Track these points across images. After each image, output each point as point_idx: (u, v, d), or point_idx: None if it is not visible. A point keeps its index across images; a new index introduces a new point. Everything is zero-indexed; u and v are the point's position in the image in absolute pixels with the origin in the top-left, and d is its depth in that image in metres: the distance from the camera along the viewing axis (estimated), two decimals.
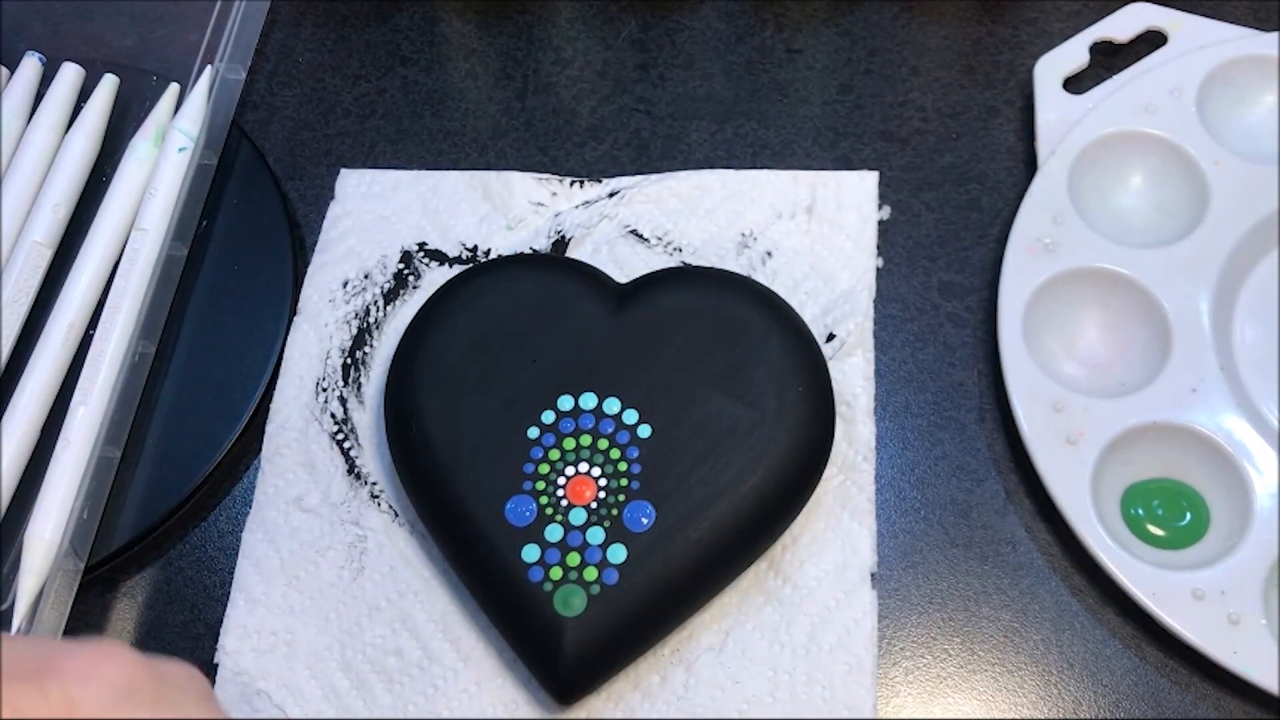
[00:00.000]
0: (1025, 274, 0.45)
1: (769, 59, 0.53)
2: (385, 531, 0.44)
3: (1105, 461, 0.42)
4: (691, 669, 0.41)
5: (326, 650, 0.42)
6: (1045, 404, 0.43)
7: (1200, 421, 0.43)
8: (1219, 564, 0.41)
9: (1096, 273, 0.46)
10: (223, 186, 0.50)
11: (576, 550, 0.40)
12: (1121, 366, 0.45)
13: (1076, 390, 0.44)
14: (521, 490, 0.41)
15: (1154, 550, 0.42)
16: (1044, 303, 0.45)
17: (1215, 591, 0.40)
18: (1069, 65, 0.50)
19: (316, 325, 0.48)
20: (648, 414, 0.42)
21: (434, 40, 0.55)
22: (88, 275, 0.47)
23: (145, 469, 0.46)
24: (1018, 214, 0.47)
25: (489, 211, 0.50)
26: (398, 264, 0.49)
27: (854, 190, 0.49)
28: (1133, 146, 0.48)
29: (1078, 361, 0.45)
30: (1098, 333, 0.46)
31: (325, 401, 0.47)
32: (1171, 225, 0.47)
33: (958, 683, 0.41)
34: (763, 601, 0.42)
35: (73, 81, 0.51)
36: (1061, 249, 0.46)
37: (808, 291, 0.47)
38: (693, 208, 0.49)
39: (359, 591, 0.43)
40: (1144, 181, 0.48)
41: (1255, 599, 0.40)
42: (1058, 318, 0.46)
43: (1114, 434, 0.43)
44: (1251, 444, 0.42)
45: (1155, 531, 0.42)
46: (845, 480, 0.44)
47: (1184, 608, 0.40)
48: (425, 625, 0.42)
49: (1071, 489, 0.42)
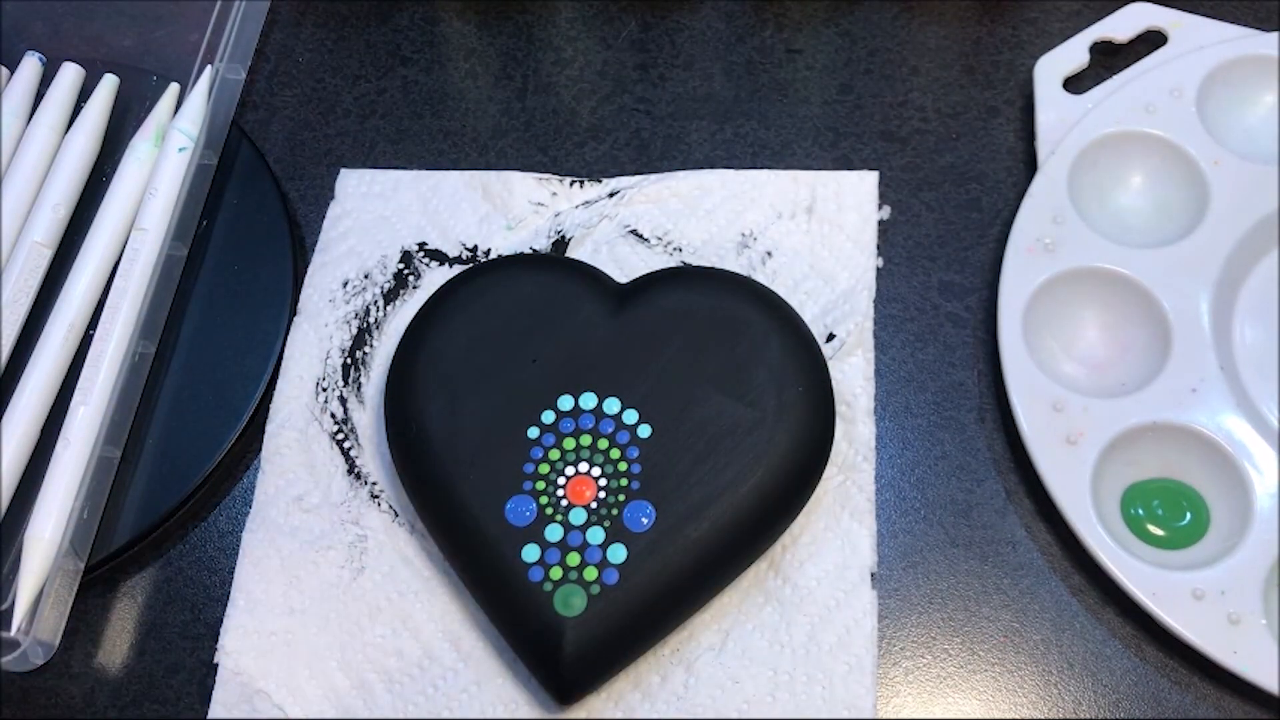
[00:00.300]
0: (1025, 274, 0.45)
1: (769, 59, 0.53)
2: (385, 531, 0.44)
3: (1105, 462, 0.42)
4: (692, 669, 0.41)
5: (326, 650, 0.42)
6: (1045, 404, 0.43)
7: (1200, 422, 0.43)
8: (1219, 564, 0.41)
9: (1096, 273, 0.46)
10: (223, 186, 0.50)
11: (576, 550, 0.40)
12: (1121, 366, 0.45)
13: (1076, 390, 0.44)
14: (521, 490, 0.41)
15: (1154, 550, 0.42)
16: (1044, 303, 0.45)
17: (1215, 591, 0.40)
18: (1069, 65, 0.50)
19: (316, 325, 0.48)
20: (648, 414, 0.42)
21: (434, 40, 0.55)
22: (88, 275, 0.47)
23: (145, 469, 0.46)
24: (1017, 214, 0.47)
25: (489, 211, 0.50)
26: (398, 264, 0.49)
27: (854, 190, 0.49)
28: (1133, 146, 0.48)
29: (1078, 361, 0.45)
30: (1097, 333, 0.46)
31: (325, 401, 0.47)
32: (1171, 225, 0.47)
33: (958, 683, 0.41)
34: (763, 601, 0.42)
35: (73, 81, 0.51)
36: (1061, 249, 0.46)
37: (808, 291, 0.47)
38: (693, 208, 0.49)
39: (359, 591, 0.43)
40: (1144, 181, 0.48)
41: (1255, 599, 0.40)
42: (1057, 318, 0.46)
43: (1114, 434, 0.43)
44: (1251, 444, 0.42)
45: (1155, 531, 0.42)
46: (845, 480, 0.44)
47: (1184, 608, 0.40)
48: (425, 625, 0.42)
49: (1071, 489, 0.42)
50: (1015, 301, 0.45)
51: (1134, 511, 0.43)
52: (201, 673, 0.43)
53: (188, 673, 0.43)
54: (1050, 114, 0.49)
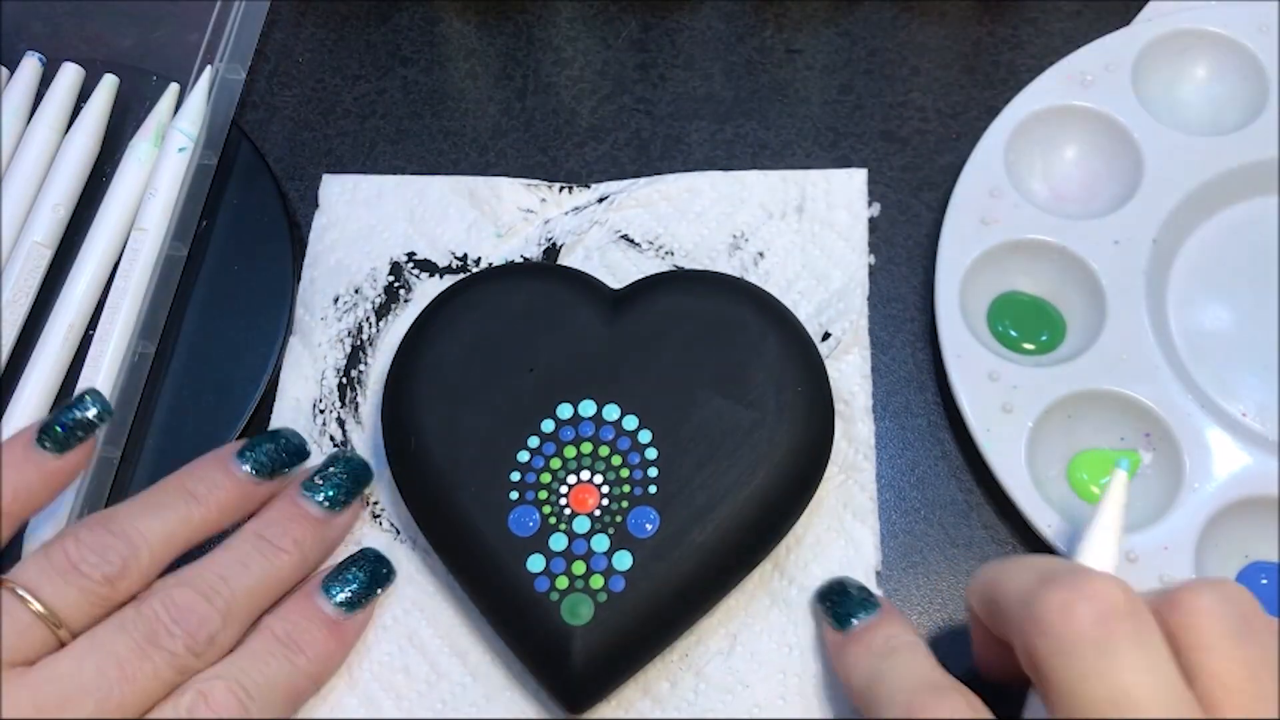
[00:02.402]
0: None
1: (769, 59, 0.53)
2: (388, 550, 0.43)
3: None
4: (701, 673, 0.41)
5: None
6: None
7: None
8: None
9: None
10: (223, 186, 0.50)
11: (582, 559, 0.40)
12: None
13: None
14: (524, 500, 0.41)
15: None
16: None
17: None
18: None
19: (310, 345, 0.48)
20: (648, 419, 0.41)
21: (434, 40, 0.55)
22: (88, 275, 0.47)
23: (145, 469, 0.46)
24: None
25: (477, 219, 0.49)
26: (387, 276, 0.49)
27: (843, 188, 0.49)
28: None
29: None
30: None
31: (324, 424, 0.46)
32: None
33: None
34: (769, 604, 0.42)
35: (73, 81, 0.51)
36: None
37: (801, 291, 0.47)
38: (683, 211, 0.49)
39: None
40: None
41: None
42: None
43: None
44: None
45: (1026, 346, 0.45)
46: (846, 479, 0.44)
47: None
48: (432, 641, 0.42)
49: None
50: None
51: (999, 328, 0.46)
52: None
53: None
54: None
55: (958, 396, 0.44)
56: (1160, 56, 0.49)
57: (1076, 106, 0.48)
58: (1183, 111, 0.49)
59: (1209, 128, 0.48)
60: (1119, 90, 0.48)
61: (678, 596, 0.40)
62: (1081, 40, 0.50)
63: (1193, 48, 0.49)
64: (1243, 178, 0.47)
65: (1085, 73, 0.48)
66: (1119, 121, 0.48)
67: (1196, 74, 0.50)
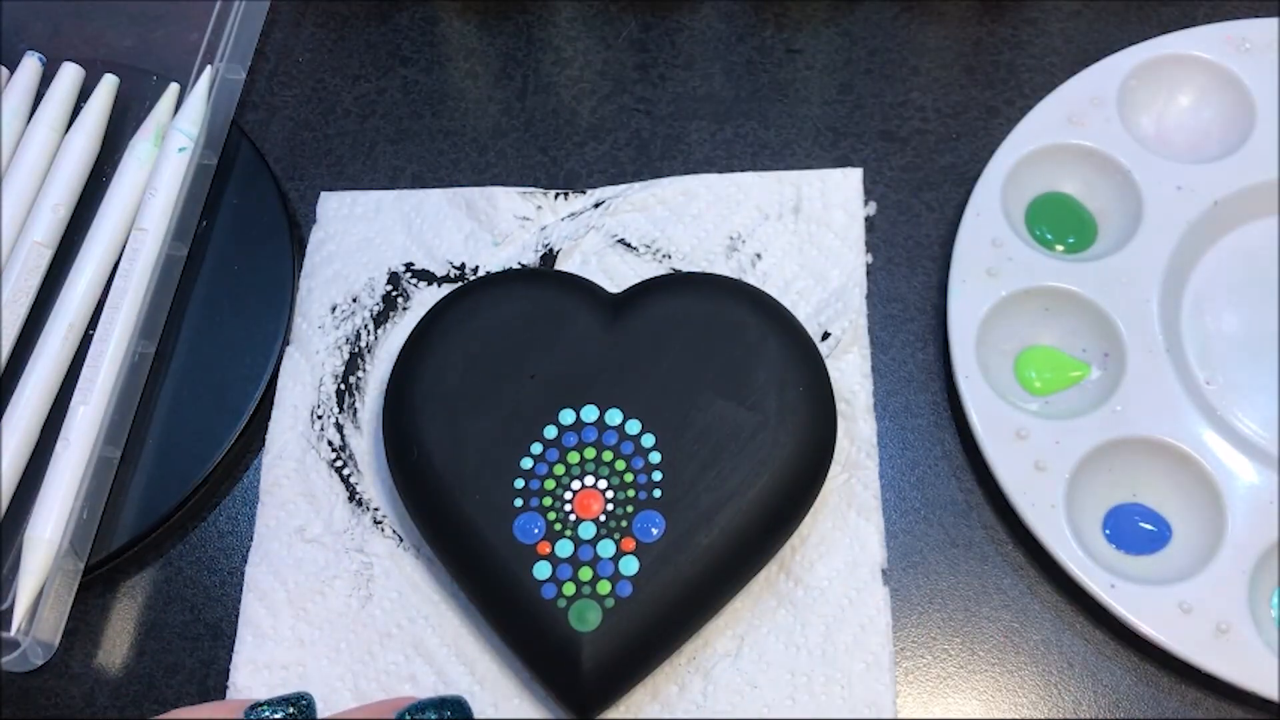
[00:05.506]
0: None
1: (769, 59, 0.53)
2: (391, 557, 0.44)
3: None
4: (709, 676, 0.41)
5: (339, 680, 0.42)
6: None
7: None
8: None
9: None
10: (223, 186, 0.50)
11: (588, 564, 0.40)
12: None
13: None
14: (529, 507, 0.40)
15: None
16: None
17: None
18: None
19: (308, 352, 0.48)
20: (650, 423, 0.41)
21: (434, 40, 0.55)
22: (88, 275, 0.47)
23: (145, 469, 0.46)
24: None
25: (474, 228, 0.49)
26: (385, 285, 0.49)
27: (839, 188, 0.49)
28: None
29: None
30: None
31: (322, 429, 0.46)
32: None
33: (958, 683, 0.42)
34: (775, 605, 0.42)
35: (73, 81, 0.51)
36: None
37: (799, 291, 0.47)
38: (679, 214, 0.49)
39: (368, 619, 0.43)
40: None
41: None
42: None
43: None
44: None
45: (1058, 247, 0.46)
46: (850, 478, 0.44)
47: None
48: (438, 650, 0.42)
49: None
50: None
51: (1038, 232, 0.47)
52: (201, 673, 0.43)
53: (187, 673, 0.43)
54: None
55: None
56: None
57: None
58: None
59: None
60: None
61: (686, 600, 0.40)
62: (1082, 40, 0.50)
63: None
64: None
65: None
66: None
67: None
